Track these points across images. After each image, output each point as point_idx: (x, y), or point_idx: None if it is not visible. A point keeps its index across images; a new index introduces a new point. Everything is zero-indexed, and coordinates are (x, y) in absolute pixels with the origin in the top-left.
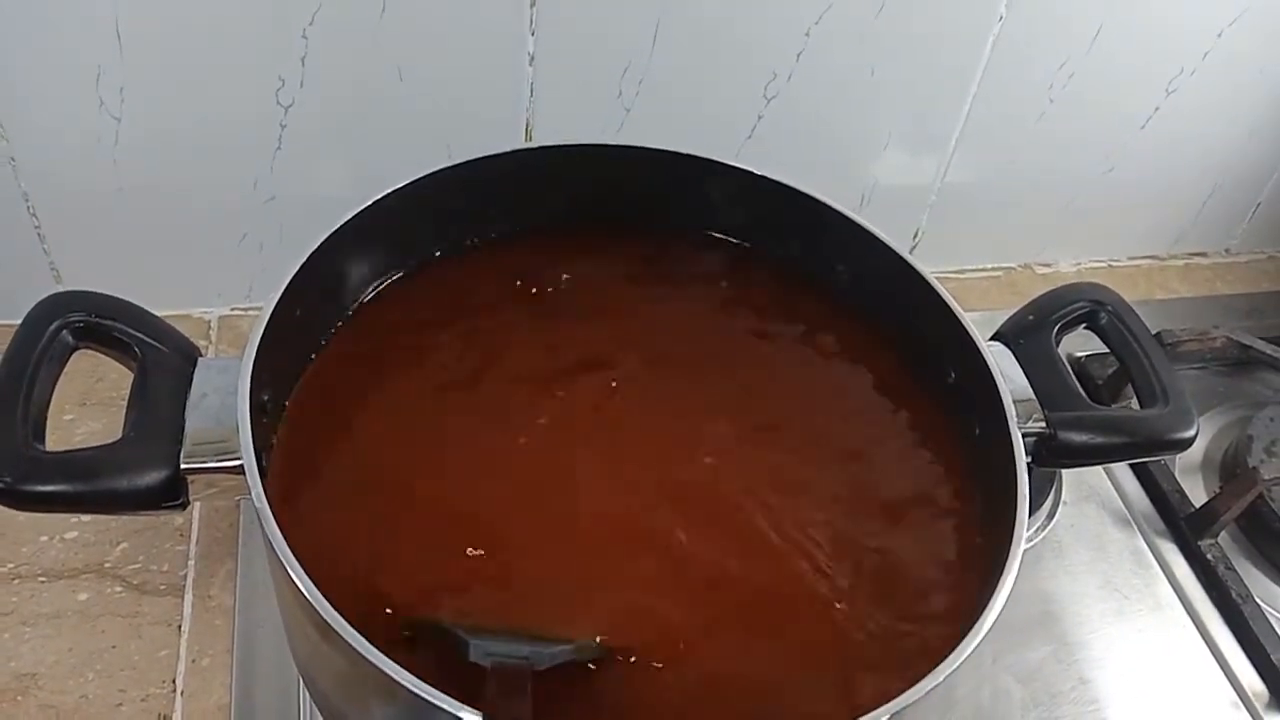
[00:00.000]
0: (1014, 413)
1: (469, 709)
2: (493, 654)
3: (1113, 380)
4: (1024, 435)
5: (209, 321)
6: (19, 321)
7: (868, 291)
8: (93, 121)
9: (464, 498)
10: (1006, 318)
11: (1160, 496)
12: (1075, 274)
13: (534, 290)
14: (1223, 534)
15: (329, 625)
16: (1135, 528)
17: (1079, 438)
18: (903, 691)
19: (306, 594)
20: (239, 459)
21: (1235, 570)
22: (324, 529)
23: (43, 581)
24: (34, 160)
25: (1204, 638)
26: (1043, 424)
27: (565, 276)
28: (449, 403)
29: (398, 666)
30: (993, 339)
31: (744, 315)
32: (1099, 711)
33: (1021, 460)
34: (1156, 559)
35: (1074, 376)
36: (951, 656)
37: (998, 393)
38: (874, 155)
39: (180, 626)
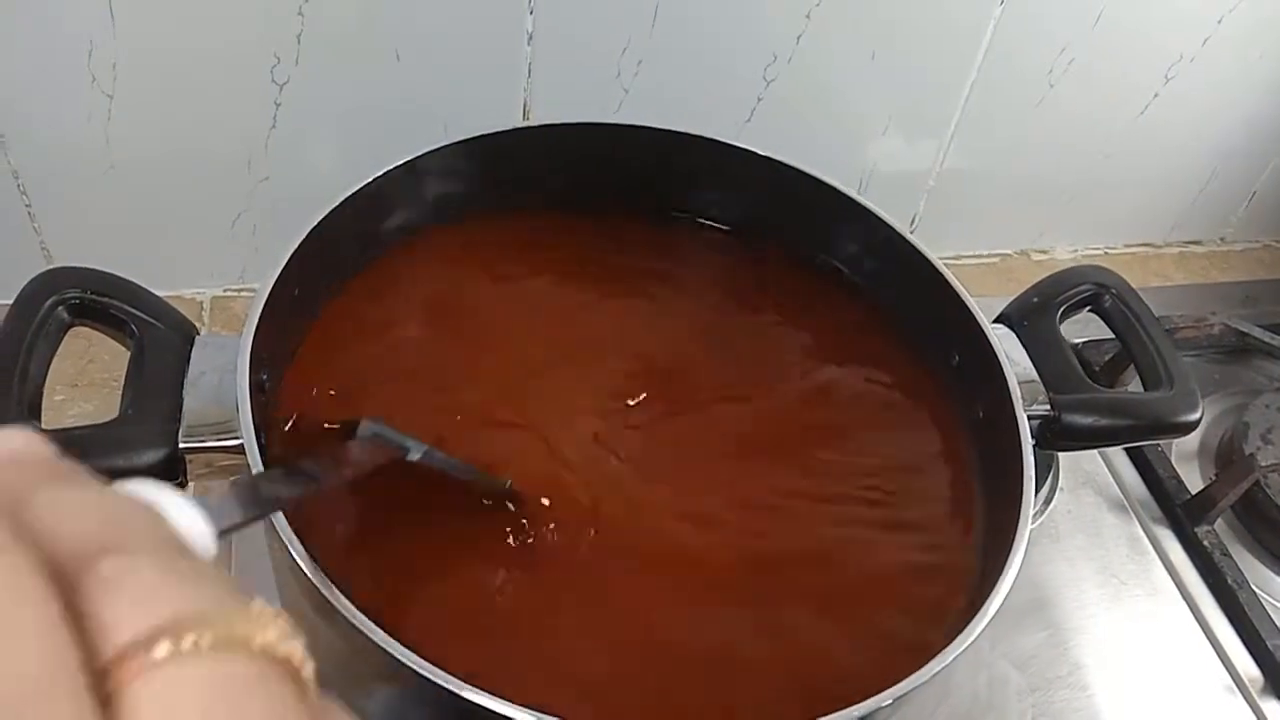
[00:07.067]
0: (1019, 395)
1: (471, 688)
2: (379, 434)
3: (1109, 366)
4: (1029, 418)
5: (201, 302)
6: (9, 300)
7: (869, 273)
8: (84, 98)
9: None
10: (1003, 303)
11: (1157, 483)
12: (1071, 260)
13: (530, 267)
14: (1219, 520)
15: (333, 607)
16: (1132, 514)
17: (1084, 420)
18: (906, 676)
19: (310, 575)
20: (239, 438)
21: (1231, 557)
22: (324, 509)
23: None
24: (24, 137)
25: (1200, 624)
26: (1047, 406)
27: (562, 253)
28: (446, 381)
29: (402, 647)
30: (996, 321)
31: (741, 294)
32: (1094, 697)
33: (1028, 443)
34: (1153, 545)
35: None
36: (958, 640)
37: (1002, 375)
38: (873, 139)
39: None
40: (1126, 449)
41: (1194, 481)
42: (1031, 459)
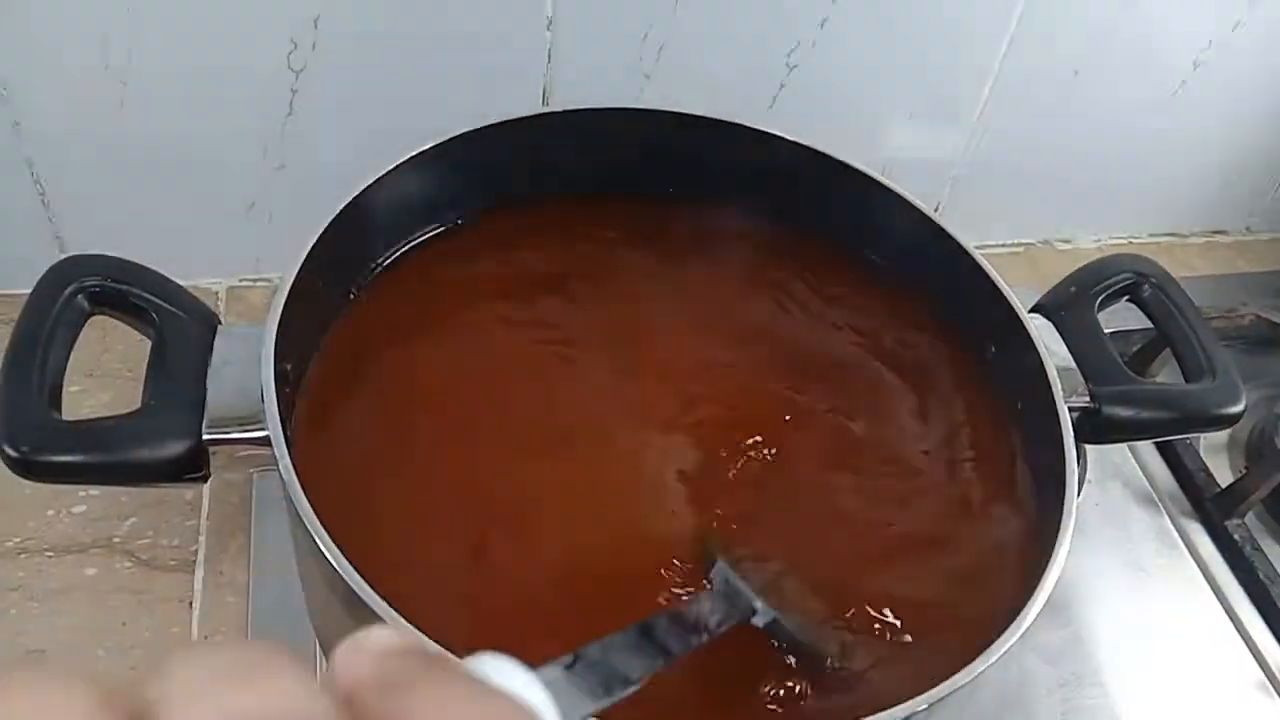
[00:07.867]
0: (1060, 387)
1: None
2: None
3: (1137, 358)
4: (1068, 410)
5: (217, 292)
6: (21, 290)
7: (900, 261)
8: (99, 85)
9: (492, 466)
10: (1028, 292)
11: (1186, 476)
12: (1096, 250)
13: (552, 254)
14: (1249, 514)
15: (361, 600)
16: (1161, 507)
17: (1125, 412)
18: (950, 675)
19: (338, 568)
20: (264, 430)
21: (1262, 550)
22: (350, 501)
23: (50, 556)
24: (38, 125)
25: (1230, 618)
26: (1087, 398)
27: (586, 240)
28: (473, 369)
29: (434, 643)
30: (1032, 311)
31: (768, 284)
32: (1123, 693)
33: (1069, 435)
34: (1182, 539)
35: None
36: (1002, 639)
37: (1042, 366)
38: (896, 126)
39: (191, 603)
40: (1156, 442)
41: (1223, 474)
42: (1074, 452)
